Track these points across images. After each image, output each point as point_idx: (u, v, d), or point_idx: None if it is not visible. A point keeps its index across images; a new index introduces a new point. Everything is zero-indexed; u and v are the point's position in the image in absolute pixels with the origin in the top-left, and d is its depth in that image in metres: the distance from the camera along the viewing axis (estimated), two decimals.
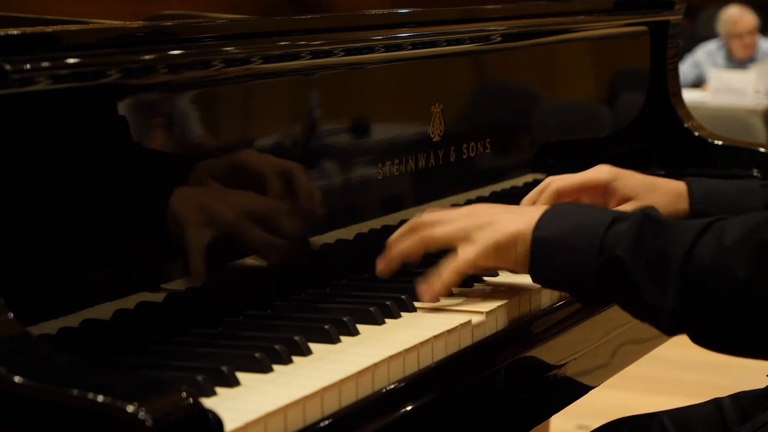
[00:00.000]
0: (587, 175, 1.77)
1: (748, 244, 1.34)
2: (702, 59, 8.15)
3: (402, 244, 1.55)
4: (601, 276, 1.41)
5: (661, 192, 1.75)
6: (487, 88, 2.06)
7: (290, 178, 1.59)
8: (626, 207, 1.71)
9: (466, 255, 1.50)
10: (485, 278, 1.65)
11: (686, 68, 8.06)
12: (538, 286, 1.58)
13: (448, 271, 1.51)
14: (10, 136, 1.25)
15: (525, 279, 1.56)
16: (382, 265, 1.56)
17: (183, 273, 1.44)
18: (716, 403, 1.70)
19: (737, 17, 8.07)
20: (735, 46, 8.05)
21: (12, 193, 1.25)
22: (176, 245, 1.43)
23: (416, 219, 1.57)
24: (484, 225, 1.50)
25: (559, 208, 1.49)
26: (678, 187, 1.77)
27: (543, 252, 1.45)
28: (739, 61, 8.05)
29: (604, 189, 1.75)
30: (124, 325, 1.36)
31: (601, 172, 1.76)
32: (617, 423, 1.70)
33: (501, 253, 1.48)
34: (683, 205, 1.75)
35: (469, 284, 1.63)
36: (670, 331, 1.41)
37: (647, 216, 1.41)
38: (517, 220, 1.48)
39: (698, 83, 7.95)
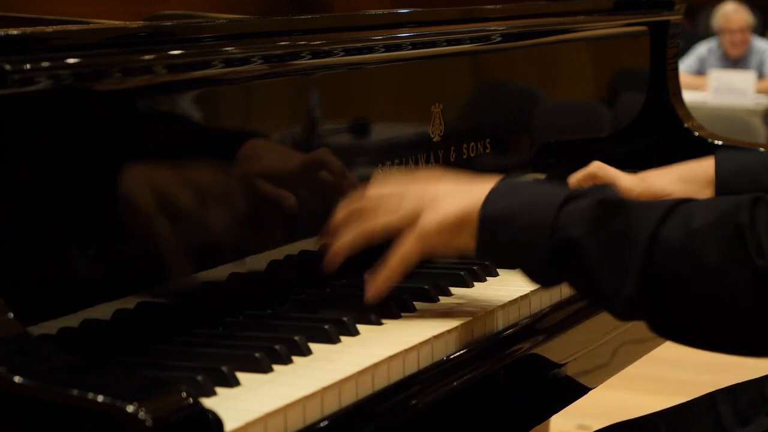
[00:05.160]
0: (627, 182, 1.79)
1: (720, 229, 1.27)
2: (704, 54, 8.17)
3: (344, 239, 1.48)
4: (553, 257, 1.35)
5: (694, 184, 1.76)
6: (487, 88, 2.06)
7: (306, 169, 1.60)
8: None
9: (408, 245, 1.43)
10: (487, 278, 1.66)
11: (690, 61, 8.09)
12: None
13: (390, 266, 1.45)
14: (10, 136, 1.25)
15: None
16: (329, 263, 1.50)
17: (183, 273, 1.44)
18: (710, 399, 1.70)
19: (730, 14, 8.09)
20: (726, 42, 8.08)
21: (12, 193, 1.25)
22: (177, 244, 1.43)
23: (358, 200, 1.49)
24: (426, 206, 1.42)
25: (509, 185, 1.42)
26: (705, 171, 1.77)
27: (491, 231, 1.38)
28: (732, 60, 8.07)
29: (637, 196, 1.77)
30: (124, 325, 1.36)
31: (636, 182, 1.79)
32: (611, 429, 1.70)
33: (445, 237, 1.41)
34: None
35: (470, 284, 1.63)
36: (625, 318, 1.35)
37: (604, 196, 1.35)
38: (463, 198, 1.41)
39: (700, 72, 7.99)
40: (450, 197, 1.42)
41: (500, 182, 1.42)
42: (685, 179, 1.77)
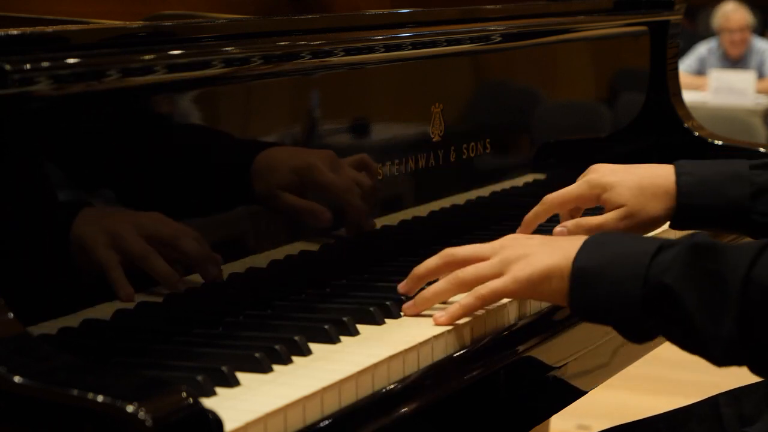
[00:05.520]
0: (578, 191, 1.74)
1: None
2: (704, 54, 8.19)
3: (435, 288, 1.48)
4: (647, 307, 1.33)
5: (650, 193, 1.71)
6: (487, 88, 2.06)
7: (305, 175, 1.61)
8: (616, 213, 1.70)
9: (496, 285, 1.44)
10: None
11: (690, 61, 8.11)
12: None
13: (474, 296, 1.45)
14: (10, 136, 1.25)
15: None
16: (411, 310, 1.49)
17: (183, 273, 1.44)
18: (712, 402, 1.69)
19: (730, 13, 8.11)
20: (726, 42, 8.09)
21: (12, 193, 1.25)
22: (177, 244, 1.43)
23: (449, 251, 1.49)
24: (518, 258, 1.43)
25: (600, 238, 1.42)
26: (666, 181, 1.72)
27: (583, 284, 1.37)
28: (732, 60, 8.08)
29: (597, 199, 1.73)
30: (124, 325, 1.36)
31: (592, 186, 1.73)
32: (612, 431, 1.70)
33: (535, 287, 1.42)
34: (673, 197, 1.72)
35: None
36: (725, 362, 1.33)
37: (696, 241, 1.34)
38: (554, 253, 1.41)
39: (700, 72, 8.01)
40: (542, 252, 1.42)
41: (593, 236, 1.42)
42: (645, 187, 1.72)
